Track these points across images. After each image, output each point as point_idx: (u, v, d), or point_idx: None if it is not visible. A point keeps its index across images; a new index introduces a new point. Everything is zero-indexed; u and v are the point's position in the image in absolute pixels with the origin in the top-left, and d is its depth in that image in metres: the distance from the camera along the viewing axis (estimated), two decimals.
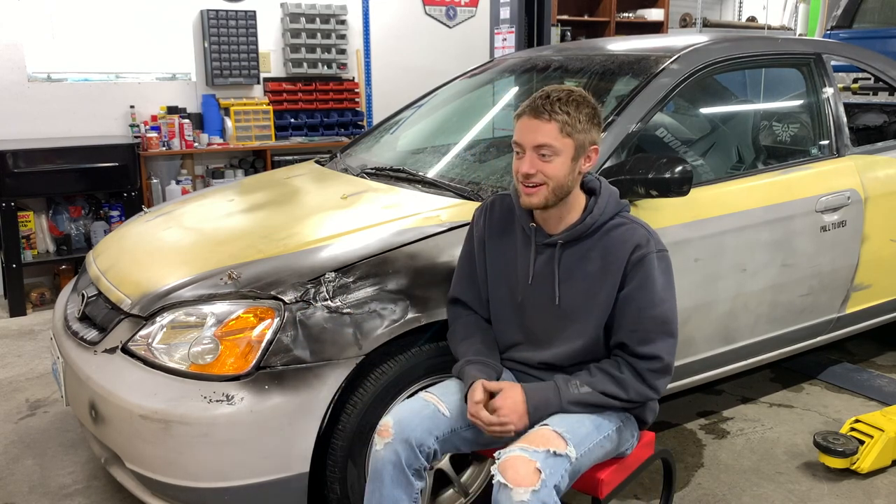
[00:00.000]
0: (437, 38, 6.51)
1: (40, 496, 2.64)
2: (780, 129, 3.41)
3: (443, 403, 1.90)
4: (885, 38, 5.29)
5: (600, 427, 1.87)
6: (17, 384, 3.54)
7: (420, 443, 1.83)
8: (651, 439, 2.11)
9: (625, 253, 1.87)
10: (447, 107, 3.52)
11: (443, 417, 1.88)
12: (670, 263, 1.93)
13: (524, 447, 1.72)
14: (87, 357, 2.23)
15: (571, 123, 1.82)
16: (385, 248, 2.21)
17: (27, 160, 4.46)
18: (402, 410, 1.88)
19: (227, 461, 1.98)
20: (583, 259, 1.92)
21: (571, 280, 1.93)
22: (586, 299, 1.91)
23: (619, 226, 1.91)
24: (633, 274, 1.86)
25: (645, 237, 1.89)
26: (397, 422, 1.84)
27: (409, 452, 1.81)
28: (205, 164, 5.56)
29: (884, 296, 3.33)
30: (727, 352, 2.83)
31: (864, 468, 2.68)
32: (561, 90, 1.85)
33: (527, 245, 1.99)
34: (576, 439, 1.78)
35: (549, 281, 1.95)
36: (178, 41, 5.44)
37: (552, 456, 1.71)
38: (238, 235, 2.50)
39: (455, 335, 2.07)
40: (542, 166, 1.83)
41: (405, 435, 1.82)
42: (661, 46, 2.99)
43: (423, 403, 1.90)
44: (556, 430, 1.77)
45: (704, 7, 7.76)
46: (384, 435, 1.83)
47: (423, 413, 1.87)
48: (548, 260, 1.95)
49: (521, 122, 1.86)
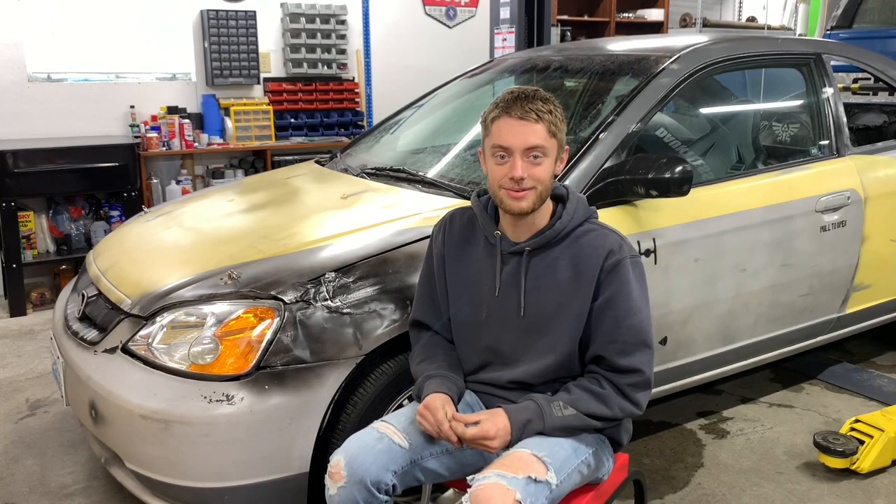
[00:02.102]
0: (437, 38, 6.51)
1: (40, 496, 2.64)
2: (780, 129, 3.41)
3: (399, 433, 1.75)
4: (885, 38, 5.29)
5: (577, 451, 1.75)
6: (17, 384, 3.54)
7: (376, 480, 1.68)
8: (625, 462, 1.97)
9: (598, 259, 1.77)
10: (447, 107, 3.52)
11: (399, 450, 1.73)
12: (644, 271, 1.84)
13: (501, 474, 1.57)
14: (88, 357, 2.23)
15: (555, 123, 1.76)
16: (385, 248, 2.21)
17: (27, 160, 4.46)
18: (352, 447, 1.72)
19: (227, 461, 1.98)
20: (551, 267, 1.81)
21: (539, 290, 1.81)
22: (557, 310, 1.80)
23: (588, 232, 1.82)
24: (608, 281, 1.76)
25: (618, 243, 1.80)
26: (348, 462, 1.69)
27: (366, 494, 1.67)
28: (205, 164, 5.56)
29: (884, 296, 3.34)
30: (727, 352, 2.83)
31: (864, 468, 2.68)
32: (528, 90, 1.76)
33: (491, 255, 1.87)
34: (556, 464, 1.65)
35: (516, 292, 1.83)
36: (178, 41, 5.44)
37: (532, 483, 1.58)
38: (238, 235, 2.50)
39: (415, 357, 1.95)
40: (532, 170, 1.73)
41: (358, 476, 1.67)
42: (661, 46, 2.99)
43: (376, 436, 1.75)
44: (535, 454, 1.64)
45: (704, 7, 7.76)
46: (336, 479, 1.68)
47: (376, 448, 1.71)
48: (514, 269, 1.83)
49: (503, 123, 1.74)
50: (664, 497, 2.60)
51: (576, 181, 2.43)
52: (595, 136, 2.54)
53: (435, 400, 1.76)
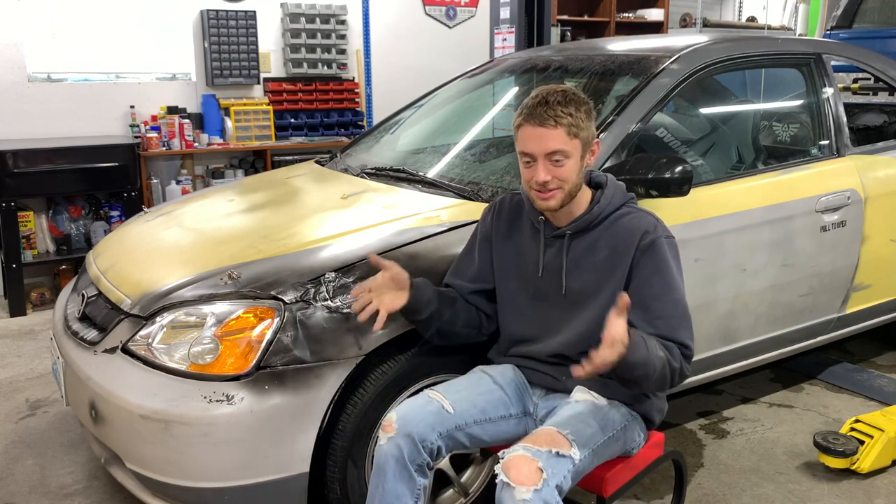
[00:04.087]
0: (437, 38, 6.51)
1: (40, 496, 2.64)
2: (780, 129, 3.41)
3: (447, 400, 1.91)
4: (885, 38, 5.29)
5: (605, 427, 1.88)
6: (17, 384, 3.54)
7: (422, 438, 1.83)
8: (660, 440, 2.10)
9: (633, 239, 1.91)
10: (447, 107, 3.52)
11: (447, 414, 1.89)
12: (678, 250, 1.96)
13: (527, 447, 1.72)
14: (87, 357, 2.23)
15: (576, 124, 1.85)
16: (385, 248, 2.20)
17: (27, 160, 4.46)
18: (405, 406, 1.90)
19: (226, 461, 1.98)
20: (590, 248, 1.96)
21: (579, 270, 1.97)
22: (596, 288, 1.94)
23: (626, 215, 1.96)
24: (645, 260, 1.89)
25: (653, 224, 1.93)
26: (401, 417, 1.85)
27: (412, 447, 1.82)
28: (205, 164, 5.56)
29: (884, 296, 3.33)
30: (727, 352, 2.83)
31: (864, 468, 2.68)
32: (555, 91, 1.87)
33: (535, 239, 2.04)
34: (580, 440, 1.78)
35: (558, 272, 1.99)
36: (178, 41, 5.44)
37: (555, 456, 1.71)
38: (238, 235, 2.50)
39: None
40: (556, 172, 1.86)
41: (408, 430, 1.83)
42: (661, 46, 2.99)
43: (427, 400, 1.91)
44: (560, 432, 1.78)
45: (704, 7, 7.76)
46: (387, 430, 1.84)
47: (426, 409, 1.88)
48: (556, 251, 2.00)
49: (525, 131, 1.87)
50: (664, 497, 2.60)
51: None
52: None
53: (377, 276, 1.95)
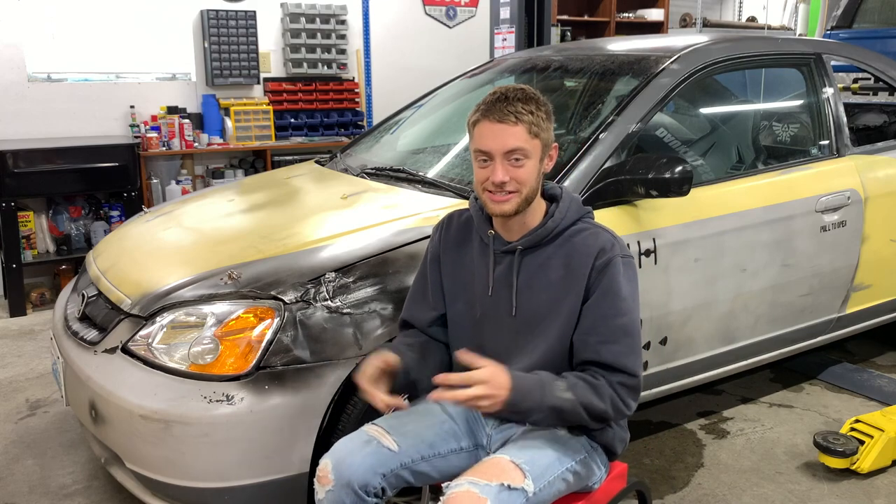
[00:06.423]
0: (437, 38, 6.50)
1: (40, 496, 2.64)
2: (780, 129, 3.41)
3: (389, 436, 1.74)
4: (885, 38, 5.29)
5: (562, 458, 1.72)
6: (17, 384, 3.54)
7: (364, 483, 1.66)
8: (623, 471, 1.93)
9: (589, 258, 1.76)
10: (447, 107, 3.51)
11: (388, 452, 1.71)
12: (636, 272, 1.81)
13: (474, 481, 1.55)
14: (87, 357, 2.23)
15: (536, 123, 1.72)
16: (385, 248, 2.21)
17: (27, 160, 4.46)
18: (340, 450, 1.72)
19: (227, 461, 1.98)
20: (543, 267, 1.80)
21: (531, 289, 1.80)
22: (549, 309, 1.78)
23: (581, 231, 1.81)
24: (598, 280, 1.74)
25: (610, 241, 1.78)
26: (336, 464, 1.68)
27: (354, 497, 1.65)
28: (205, 164, 5.56)
29: (884, 296, 3.33)
30: (727, 352, 2.83)
31: (864, 468, 2.68)
32: (515, 89, 1.74)
33: (485, 255, 1.87)
34: (535, 471, 1.62)
35: (508, 291, 1.82)
36: (178, 41, 5.44)
37: (506, 490, 1.55)
38: (238, 235, 2.50)
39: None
40: (514, 172, 1.72)
41: (346, 479, 1.65)
42: (661, 46, 2.99)
43: (364, 439, 1.73)
44: (513, 461, 1.62)
45: (704, 7, 7.76)
46: (324, 482, 1.67)
47: (364, 451, 1.70)
48: (507, 269, 1.83)
49: (483, 128, 1.73)
50: (664, 497, 2.60)
51: (576, 181, 2.43)
52: (595, 136, 2.54)
53: (371, 358, 1.78)
